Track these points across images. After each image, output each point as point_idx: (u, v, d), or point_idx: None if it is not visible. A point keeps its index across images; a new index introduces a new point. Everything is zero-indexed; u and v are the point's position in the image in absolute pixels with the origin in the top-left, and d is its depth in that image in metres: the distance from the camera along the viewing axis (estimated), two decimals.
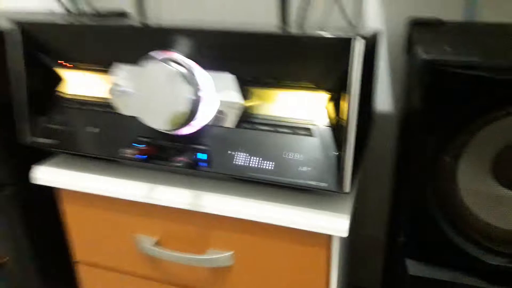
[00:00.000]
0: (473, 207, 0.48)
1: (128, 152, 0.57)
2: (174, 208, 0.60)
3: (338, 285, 0.60)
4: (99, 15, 0.86)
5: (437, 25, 0.65)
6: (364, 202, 0.91)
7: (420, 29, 0.62)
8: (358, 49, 0.44)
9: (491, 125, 0.44)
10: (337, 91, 0.48)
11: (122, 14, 0.93)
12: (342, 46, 0.45)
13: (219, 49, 0.51)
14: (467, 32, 0.61)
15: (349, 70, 0.45)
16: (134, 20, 0.75)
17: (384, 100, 0.83)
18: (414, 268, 0.51)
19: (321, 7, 0.80)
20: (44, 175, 0.66)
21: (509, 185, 0.47)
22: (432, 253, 0.50)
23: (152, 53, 0.54)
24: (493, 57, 0.42)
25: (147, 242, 0.63)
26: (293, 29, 0.53)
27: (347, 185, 0.48)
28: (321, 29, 0.52)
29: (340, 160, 0.48)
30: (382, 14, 0.78)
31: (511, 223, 0.47)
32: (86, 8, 0.99)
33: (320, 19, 0.81)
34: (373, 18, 0.79)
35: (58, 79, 0.62)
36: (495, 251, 0.48)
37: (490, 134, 0.45)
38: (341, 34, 0.46)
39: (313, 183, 0.50)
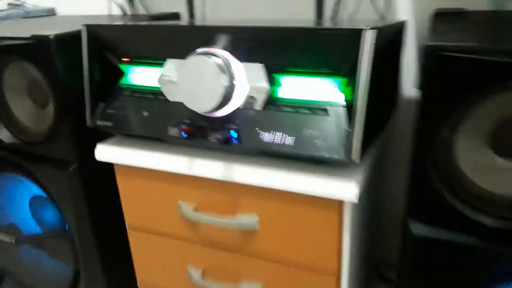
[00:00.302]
0: (469, 174, 0.50)
1: (173, 132, 0.62)
2: (210, 179, 0.64)
3: (352, 252, 0.63)
4: (154, 17, 0.92)
5: (459, 15, 0.67)
6: (389, 183, 0.94)
7: (442, 19, 0.64)
8: (369, 39, 0.47)
9: (486, 101, 0.46)
10: (352, 77, 0.52)
11: (175, 16, 0.99)
12: (355, 36, 0.48)
13: (250, 42, 0.55)
14: (488, 21, 0.62)
15: (359, 57, 0.49)
16: (184, 20, 0.80)
17: (410, 86, 0.86)
18: (417, 229, 0.54)
19: (354, 2, 0.83)
20: (104, 153, 0.72)
21: (504, 155, 0.49)
22: (432, 215, 0.52)
23: (196, 48, 0.59)
24: (492, 42, 0.45)
25: (187, 208, 0.68)
26: (325, 24, 0.56)
27: (356, 156, 0.51)
28: (348, 22, 0.55)
29: (350, 136, 0.52)
30: (411, 6, 0.80)
31: (503, 188, 0.49)
32: (143, 11, 1.05)
33: (353, 13, 0.84)
34: (403, 11, 0.81)
35: (116, 72, 0.68)
36: (488, 212, 0.50)
37: (486, 109, 0.47)
38: (354, 26, 0.49)
39: (327, 155, 0.53)
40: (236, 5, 0.95)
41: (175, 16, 0.96)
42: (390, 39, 0.60)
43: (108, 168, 0.75)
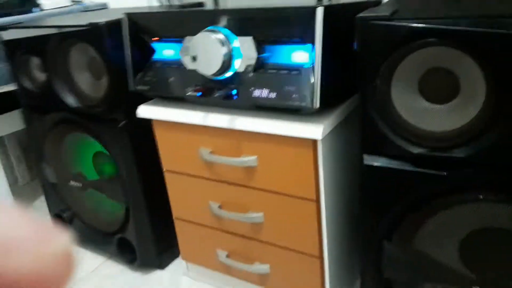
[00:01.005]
0: (404, 115, 0.65)
1: (190, 91, 0.82)
2: (220, 128, 0.84)
3: (327, 182, 0.81)
4: (181, 6, 1.13)
5: None
6: None
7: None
8: (320, 14, 0.64)
9: (415, 53, 0.61)
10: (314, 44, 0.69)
11: (199, 4, 1.19)
12: (311, 13, 0.65)
13: (242, 21, 0.74)
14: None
15: (316, 28, 0.66)
16: (201, 7, 0.99)
17: None
18: (368, 160, 0.70)
19: None
20: (144, 111, 0.94)
21: (430, 100, 0.64)
22: (379, 149, 0.68)
23: (204, 27, 0.78)
24: (413, 12, 0.60)
25: (205, 153, 0.89)
26: (318, 4, 0.72)
27: (316, 102, 0.68)
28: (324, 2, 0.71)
29: (313, 87, 0.69)
30: None
31: (429, 125, 0.64)
32: (175, 2, 1.27)
33: None
34: None
35: (149, 49, 0.90)
36: (420, 145, 0.65)
37: (415, 60, 0.62)
38: (310, 4, 0.66)
39: (300, 104, 0.71)
40: None
41: (200, 4, 1.16)
42: (347, 15, 0.74)
43: (148, 124, 0.98)
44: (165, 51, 0.87)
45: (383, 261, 0.74)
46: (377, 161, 0.69)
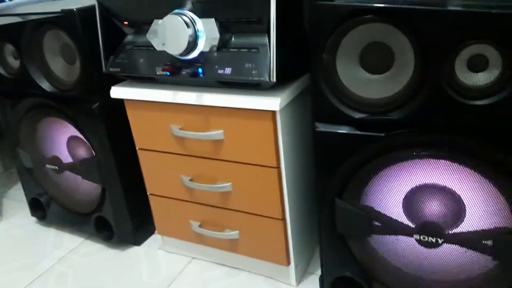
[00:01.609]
0: (348, 85, 0.74)
1: (160, 71, 0.90)
2: (188, 104, 0.92)
3: (286, 150, 0.90)
4: None
5: None
6: None
7: None
8: None
9: (355, 29, 0.70)
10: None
11: None
12: None
13: (205, 4, 0.81)
14: None
15: (270, 8, 0.74)
16: None
17: None
18: (320, 127, 0.79)
19: None
20: (117, 92, 1.00)
21: (369, 71, 0.73)
22: (328, 116, 0.78)
23: (171, 10, 0.85)
24: None
25: (176, 129, 0.96)
26: None
27: (273, 76, 0.77)
28: None
29: (269, 62, 0.78)
30: None
31: (370, 94, 0.74)
32: None
33: None
34: None
35: (120, 31, 0.96)
36: (361, 111, 0.75)
37: (356, 35, 0.71)
38: None
39: (259, 78, 0.80)
40: None
41: None
42: None
43: (121, 105, 1.04)
44: (135, 34, 0.94)
45: (336, 217, 0.84)
46: (327, 128, 0.78)
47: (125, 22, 0.94)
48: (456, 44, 0.64)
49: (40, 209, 1.36)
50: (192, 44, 0.83)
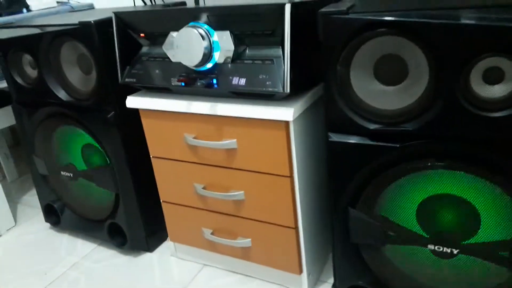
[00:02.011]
0: (362, 96, 0.75)
1: (175, 82, 0.91)
2: (202, 114, 0.93)
3: (299, 160, 0.91)
4: (165, 5, 1.21)
5: None
6: None
7: None
8: (288, 10, 0.74)
9: (369, 41, 0.71)
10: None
11: (181, 3, 1.28)
12: (280, 9, 0.75)
13: (220, 17, 0.83)
14: None
15: (285, 23, 0.75)
16: (184, 6, 1.08)
17: None
18: (333, 138, 0.80)
19: None
20: (132, 102, 1.02)
21: (385, 83, 0.74)
22: (341, 127, 0.78)
23: (187, 23, 0.87)
24: (365, 6, 0.70)
25: (190, 138, 0.98)
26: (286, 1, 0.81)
27: (287, 87, 0.78)
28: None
29: (283, 74, 0.79)
30: None
31: (383, 105, 0.74)
32: (158, 2, 1.35)
33: None
34: None
35: (136, 43, 0.98)
36: (375, 121, 0.75)
37: (370, 48, 0.72)
38: (280, 2, 0.76)
39: (273, 89, 0.81)
40: None
41: (182, 3, 1.25)
42: (312, 11, 0.83)
43: (135, 115, 1.06)
44: (151, 46, 0.96)
45: (350, 227, 0.84)
46: (340, 138, 0.79)
47: (141, 34, 0.95)
48: (471, 57, 0.64)
49: (54, 215, 1.38)
50: (207, 56, 0.84)
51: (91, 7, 1.47)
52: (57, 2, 1.44)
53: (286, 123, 0.85)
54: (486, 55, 0.63)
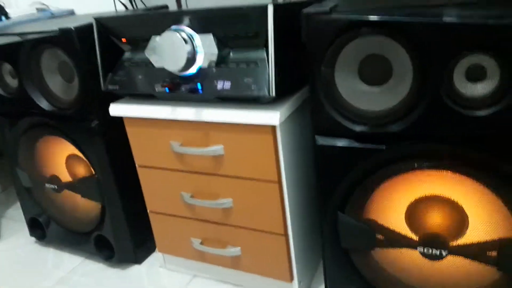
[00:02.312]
0: (346, 98, 0.74)
1: (159, 88, 0.90)
2: (188, 121, 0.92)
3: (287, 165, 0.90)
4: (147, 9, 1.20)
5: None
6: None
7: None
8: (270, 12, 0.73)
9: (353, 41, 0.71)
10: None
11: (163, 7, 1.27)
12: (263, 10, 0.74)
13: (202, 20, 0.82)
14: None
15: (268, 23, 0.75)
16: (166, 10, 1.07)
17: None
18: (319, 141, 0.79)
19: None
20: (116, 110, 1.00)
21: (370, 83, 0.73)
22: (327, 130, 0.77)
23: (169, 27, 0.86)
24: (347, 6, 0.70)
25: (176, 145, 0.96)
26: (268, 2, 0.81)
27: (272, 91, 0.77)
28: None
29: (268, 77, 0.78)
30: None
31: (369, 105, 0.73)
32: (141, 6, 1.34)
33: None
34: None
35: (118, 49, 0.96)
36: (361, 123, 0.75)
37: (354, 48, 0.71)
38: (263, 3, 0.75)
39: (258, 93, 0.80)
40: None
41: (164, 7, 1.24)
42: (295, 12, 0.82)
43: (120, 123, 1.04)
44: (133, 51, 0.95)
45: (339, 231, 0.83)
46: (327, 141, 0.78)
47: (123, 39, 0.94)
48: (453, 55, 0.64)
49: (39, 228, 1.35)
50: (191, 60, 0.83)
51: (71, 13, 1.45)
52: (37, 9, 1.43)
53: (273, 127, 0.84)
54: (468, 53, 0.63)
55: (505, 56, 0.62)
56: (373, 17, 0.67)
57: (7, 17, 1.31)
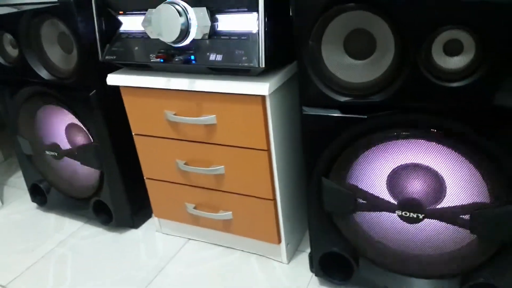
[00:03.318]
0: (333, 70, 0.78)
1: (153, 58, 0.93)
2: (181, 90, 0.96)
3: (276, 134, 0.94)
4: None
5: None
6: None
7: None
8: None
9: (339, 17, 0.74)
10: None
11: None
12: None
13: None
14: None
15: None
16: None
17: None
18: (306, 110, 0.83)
19: None
20: (113, 79, 1.04)
21: (353, 56, 0.77)
22: (314, 100, 0.82)
23: (165, 0, 0.88)
24: None
25: (170, 114, 1.00)
26: None
27: (262, 62, 0.81)
28: None
29: (258, 49, 0.82)
30: None
31: (353, 78, 0.78)
32: None
33: None
34: None
35: (116, 21, 0.99)
36: (345, 94, 0.79)
37: (340, 23, 0.75)
38: None
39: (249, 64, 0.84)
40: None
41: None
42: None
43: (117, 92, 1.08)
44: (130, 23, 0.97)
45: (323, 196, 0.88)
46: (313, 111, 0.82)
47: (120, 12, 0.97)
48: (432, 30, 0.68)
49: (40, 194, 1.40)
50: (185, 32, 0.86)
51: None
52: None
53: (263, 97, 0.88)
54: (445, 28, 0.67)
55: (479, 31, 0.65)
56: None
57: None
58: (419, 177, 0.82)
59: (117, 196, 1.23)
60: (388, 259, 0.90)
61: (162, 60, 0.91)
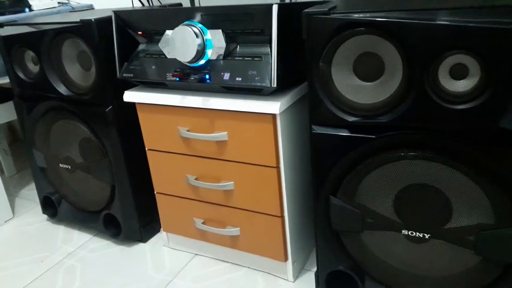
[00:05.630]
0: (342, 92, 0.80)
1: (170, 77, 0.96)
2: (195, 108, 0.98)
3: (285, 151, 0.96)
4: (162, 6, 1.26)
5: None
6: None
7: None
8: (275, 10, 0.79)
9: (349, 40, 0.76)
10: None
11: (178, 5, 1.33)
12: (269, 8, 0.80)
13: (213, 16, 0.88)
14: None
15: (272, 21, 0.81)
16: (179, 6, 1.13)
17: None
18: (316, 130, 0.85)
19: None
20: (129, 96, 1.07)
21: (363, 79, 0.79)
22: (323, 120, 0.83)
23: (182, 22, 0.92)
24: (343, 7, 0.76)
25: (183, 131, 1.02)
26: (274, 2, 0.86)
27: (274, 82, 0.83)
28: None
29: (271, 69, 0.84)
30: None
31: (362, 99, 0.79)
32: (155, 3, 1.40)
33: None
34: None
35: (134, 40, 1.02)
36: (354, 114, 0.80)
37: (350, 46, 0.77)
38: (269, 3, 0.81)
39: (261, 84, 0.86)
40: None
41: (178, 5, 1.30)
42: (298, 12, 0.88)
43: (132, 109, 1.10)
44: (148, 43, 1.01)
45: (331, 214, 0.89)
46: (322, 130, 0.84)
47: (139, 32, 1.00)
48: (438, 54, 0.70)
49: (51, 207, 1.42)
50: (201, 52, 0.89)
51: (90, 7, 1.52)
52: (58, 3, 1.49)
53: (273, 116, 0.90)
54: (451, 52, 0.69)
55: (484, 57, 0.67)
56: (367, 18, 0.73)
57: (30, 9, 1.38)
58: (425, 197, 0.83)
59: (127, 210, 1.24)
60: (394, 279, 0.90)
61: (178, 79, 0.94)
